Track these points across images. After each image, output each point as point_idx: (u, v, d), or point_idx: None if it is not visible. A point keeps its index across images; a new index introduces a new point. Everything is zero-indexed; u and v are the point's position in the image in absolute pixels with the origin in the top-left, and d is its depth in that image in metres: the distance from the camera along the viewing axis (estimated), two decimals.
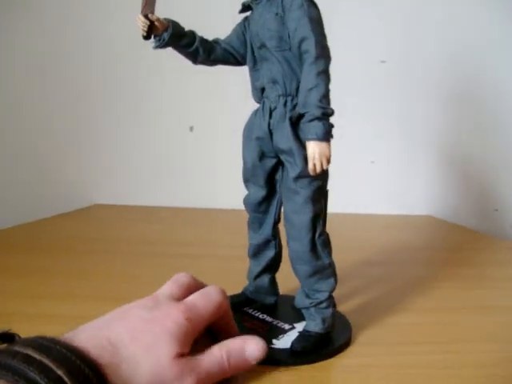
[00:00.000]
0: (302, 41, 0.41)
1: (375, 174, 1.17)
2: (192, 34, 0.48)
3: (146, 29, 0.46)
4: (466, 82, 1.15)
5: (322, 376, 0.42)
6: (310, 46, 0.40)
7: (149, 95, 1.18)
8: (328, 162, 0.41)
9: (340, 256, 0.49)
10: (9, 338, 0.35)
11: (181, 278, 0.44)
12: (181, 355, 0.36)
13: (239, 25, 0.49)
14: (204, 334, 0.41)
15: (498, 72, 1.15)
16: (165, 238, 0.90)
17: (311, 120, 0.40)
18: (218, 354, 0.38)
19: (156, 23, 0.46)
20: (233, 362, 0.38)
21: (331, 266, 0.46)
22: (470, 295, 0.64)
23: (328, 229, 0.48)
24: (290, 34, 0.42)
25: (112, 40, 1.15)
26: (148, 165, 1.20)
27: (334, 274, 0.47)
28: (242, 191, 0.52)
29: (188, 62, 0.50)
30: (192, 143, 1.18)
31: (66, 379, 0.28)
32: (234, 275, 0.56)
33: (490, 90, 1.16)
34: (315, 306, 0.47)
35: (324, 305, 0.47)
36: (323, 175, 0.43)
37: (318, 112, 0.40)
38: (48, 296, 0.59)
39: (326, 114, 0.40)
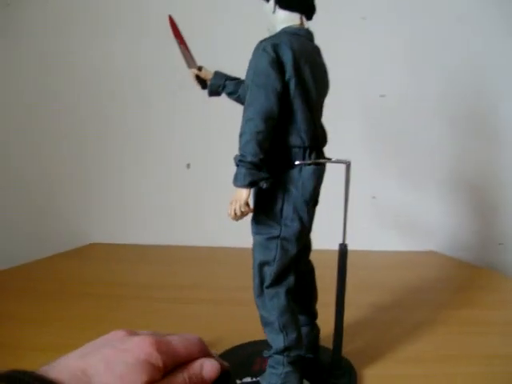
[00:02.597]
0: (246, 87, 0.42)
1: (376, 210, 1.16)
2: (235, 81, 0.51)
3: (196, 81, 0.54)
4: (472, 115, 1.14)
5: None
6: (247, 94, 0.41)
7: (144, 135, 1.19)
8: (242, 208, 0.40)
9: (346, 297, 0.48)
10: None
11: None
12: (151, 382, 0.36)
13: None
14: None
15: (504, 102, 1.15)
16: (161, 281, 0.89)
17: (236, 165, 0.41)
18: (181, 378, 0.40)
19: (200, 75, 0.53)
20: (193, 382, 0.40)
21: (279, 325, 0.44)
22: (479, 341, 0.61)
23: (330, 266, 0.46)
24: None
25: (107, 81, 1.16)
26: (145, 203, 1.20)
27: (283, 333, 0.44)
28: (241, 229, 0.51)
29: (183, 100, 0.51)
30: (189, 180, 1.18)
31: None
32: (227, 322, 0.55)
33: (498, 122, 1.15)
34: (270, 357, 0.45)
35: (273, 361, 0.45)
36: (277, 226, 0.43)
37: (237, 158, 0.41)
38: (44, 348, 0.57)
39: (242, 160, 0.40)
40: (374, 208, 1.16)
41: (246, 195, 0.40)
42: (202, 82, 0.54)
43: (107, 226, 1.20)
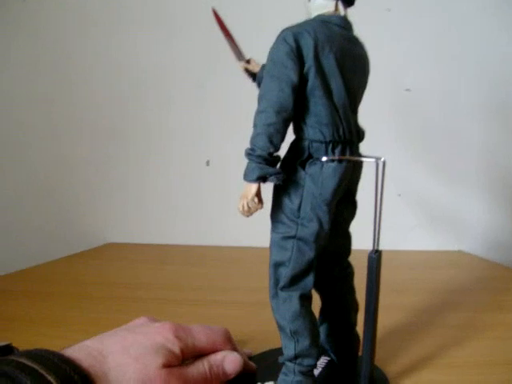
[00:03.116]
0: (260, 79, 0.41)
1: (402, 208, 1.12)
2: None
3: (245, 73, 0.53)
4: (503, 107, 1.10)
5: None
6: (261, 85, 0.40)
7: (163, 131, 1.17)
8: (250, 203, 0.39)
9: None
10: (9, 350, 0.41)
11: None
12: (167, 366, 0.38)
13: None
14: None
15: None
16: (177, 282, 0.86)
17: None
18: (201, 366, 0.41)
19: (249, 68, 0.52)
20: (214, 373, 0.41)
21: (290, 331, 0.41)
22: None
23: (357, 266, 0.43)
24: None
25: (127, 77, 1.15)
26: (163, 202, 1.18)
27: (294, 340, 0.41)
28: (258, 228, 0.50)
29: (201, 94, 0.49)
30: (208, 178, 1.16)
31: None
32: (246, 324, 0.52)
33: None
34: (284, 364, 0.43)
35: (285, 368, 0.43)
36: (294, 225, 0.40)
37: (247, 151, 0.39)
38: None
39: (251, 154, 0.38)
40: (400, 206, 1.12)
41: (254, 190, 0.38)
42: (252, 75, 0.53)
43: (125, 226, 1.19)
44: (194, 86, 1.12)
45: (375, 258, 0.42)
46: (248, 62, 0.53)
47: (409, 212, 1.13)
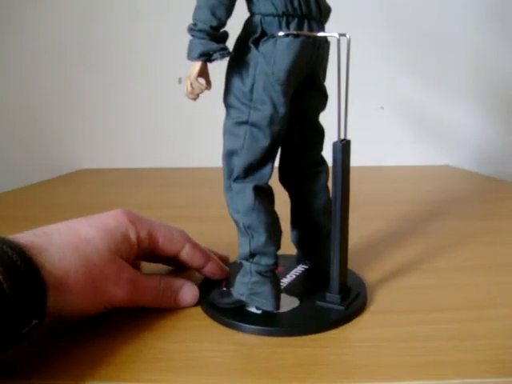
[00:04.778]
0: None
1: (385, 122, 1.08)
2: None
3: None
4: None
5: (323, 353, 0.35)
6: None
7: (129, 48, 1.09)
8: (194, 83, 0.35)
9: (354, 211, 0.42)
10: None
11: None
12: (120, 254, 0.35)
13: None
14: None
15: None
16: (152, 202, 0.83)
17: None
18: (157, 282, 0.38)
19: None
20: (166, 296, 0.39)
21: (244, 226, 0.38)
22: (501, 251, 0.56)
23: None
24: None
25: None
26: (133, 124, 1.12)
27: (248, 236, 0.38)
28: None
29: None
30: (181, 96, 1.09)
31: None
32: (226, 234, 0.49)
33: None
34: (241, 263, 0.40)
35: (242, 269, 0.40)
36: (246, 109, 0.36)
37: (188, 27, 0.34)
38: None
39: (192, 29, 0.34)
40: (383, 120, 1.08)
41: (197, 68, 0.34)
42: None
43: (96, 151, 1.14)
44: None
45: (340, 147, 0.38)
46: None
47: (393, 126, 1.09)
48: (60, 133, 1.13)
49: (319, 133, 0.43)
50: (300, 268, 0.48)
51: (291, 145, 0.41)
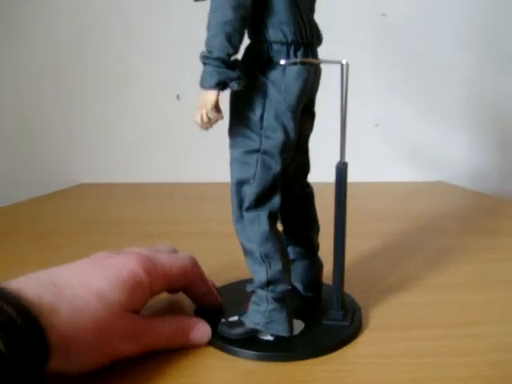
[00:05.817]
0: None
1: (379, 139, 1.10)
2: None
3: None
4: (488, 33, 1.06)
5: (320, 370, 0.36)
6: None
7: (129, 65, 1.10)
8: (209, 113, 0.34)
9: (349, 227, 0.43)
10: None
11: (159, 247, 0.44)
12: (134, 311, 0.35)
13: None
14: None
15: None
16: (154, 217, 0.84)
17: (202, 63, 0.34)
18: (167, 326, 0.38)
19: None
20: (177, 337, 0.38)
21: (260, 255, 0.38)
22: (495, 268, 0.57)
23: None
24: None
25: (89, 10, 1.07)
26: (133, 139, 1.13)
27: (265, 264, 0.38)
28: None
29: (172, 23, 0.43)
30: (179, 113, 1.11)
31: None
32: (225, 253, 0.50)
33: None
34: (254, 293, 0.40)
35: (256, 298, 0.40)
36: (257, 138, 0.36)
37: (202, 54, 0.34)
38: None
39: (208, 57, 0.33)
40: (377, 137, 1.10)
41: (213, 98, 0.34)
42: None
43: (97, 166, 1.14)
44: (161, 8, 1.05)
45: (343, 169, 0.40)
46: None
47: (387, 143, 1.11)
48: (60, 147, 1.14)
49: (307, 154, 0.44)
50: None
51: (288, 170, 0.41)
